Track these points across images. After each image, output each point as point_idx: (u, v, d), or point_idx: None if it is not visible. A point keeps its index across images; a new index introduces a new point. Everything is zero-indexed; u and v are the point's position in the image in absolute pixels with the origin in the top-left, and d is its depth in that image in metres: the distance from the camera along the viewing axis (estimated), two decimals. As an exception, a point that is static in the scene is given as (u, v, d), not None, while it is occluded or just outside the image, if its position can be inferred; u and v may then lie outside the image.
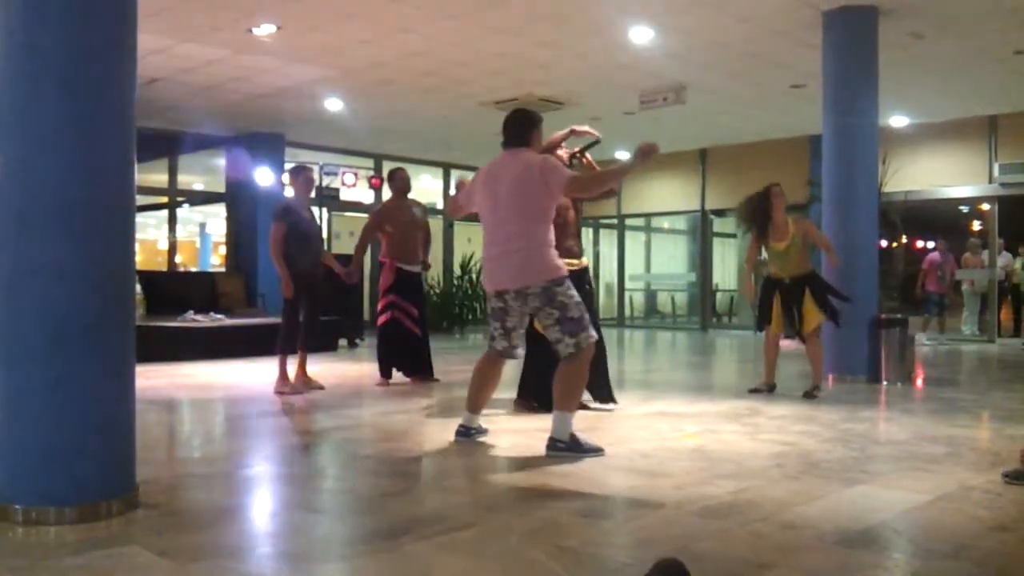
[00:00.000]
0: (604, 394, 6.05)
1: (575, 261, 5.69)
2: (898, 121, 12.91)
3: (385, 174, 8.00)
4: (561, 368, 4.47)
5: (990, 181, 13.01)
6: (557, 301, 4.40)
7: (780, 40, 9.04)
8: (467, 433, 4.80)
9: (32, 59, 3.17)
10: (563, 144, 5.85)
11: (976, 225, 17.97)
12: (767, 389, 6.91)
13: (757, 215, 6.79)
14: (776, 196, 6.74)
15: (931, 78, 10.67)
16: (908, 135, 13.10)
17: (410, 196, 7.76)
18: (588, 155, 5.95)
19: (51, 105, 3.18)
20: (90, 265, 3.22)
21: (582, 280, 5.72)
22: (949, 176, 13.37)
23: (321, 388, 7.09)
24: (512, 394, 6.06)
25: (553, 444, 4.41)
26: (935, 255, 13.31)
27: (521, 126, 4.68)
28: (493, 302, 4.63)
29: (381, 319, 7.53)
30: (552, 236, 4.54)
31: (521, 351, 4.85)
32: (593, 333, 4.54)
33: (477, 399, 4.82)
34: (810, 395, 6.59)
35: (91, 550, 2.87)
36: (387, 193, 8.03)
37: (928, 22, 8.42)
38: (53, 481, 3.15)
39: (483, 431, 4.88)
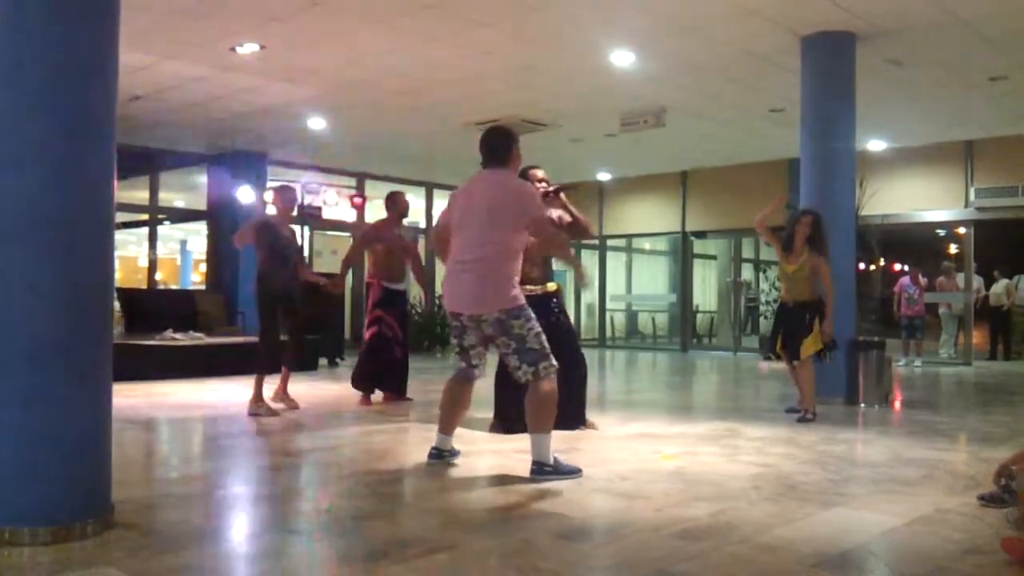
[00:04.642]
0: (571, 419, 5.87)
1: (534, 288, 5.60)
2: (876, 145, 13.07)
3: (384, 196, 7.96)
4: (529, 396, 4.43)
5: (966, 205, 13.17)
6: (514, 333, 4.36)
7: (759, 65, 9.15)
8: (440, 456, 4.76)
9: (12, 74, 3.16)
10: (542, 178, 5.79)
11: (953, 248, 18.19)
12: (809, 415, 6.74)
13: (785, 232, 7.04)
14: (800, 224, 6.92)
15: (908, 103, 10.83)
16: (885, 159, 13.27)
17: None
18: (563, 195, 5.89)
19: (30, 120, 3.16)
20: (66, 281, 3.19)
21: (546, 306, 5.63)
22: (926, 200, 13.52)
23: (296, 407, 7.05)
24: (489, 414, 6.06)
25: (540, 468, 4.38)
26: (904, 279, 13.47)
27: (498, 145, 4.60)
28: (451, 319, 4.61)
29: (368, 333, 7.54)
30: (517, 265, 4.48)
31: (479, 372, 4.72)
32: (554, 362, 4.45)
33: (448, 420, 4.78)
34: (804, 419, 6.62)
35: (65, 571, 2.83)
36: (380, 213, 7.98)
37: (905, 48, 8.55)
38: (27, 501, 3.12)
39: (456, 453, 4.85)
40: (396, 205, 7.70)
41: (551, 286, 5.93)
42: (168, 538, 3.30)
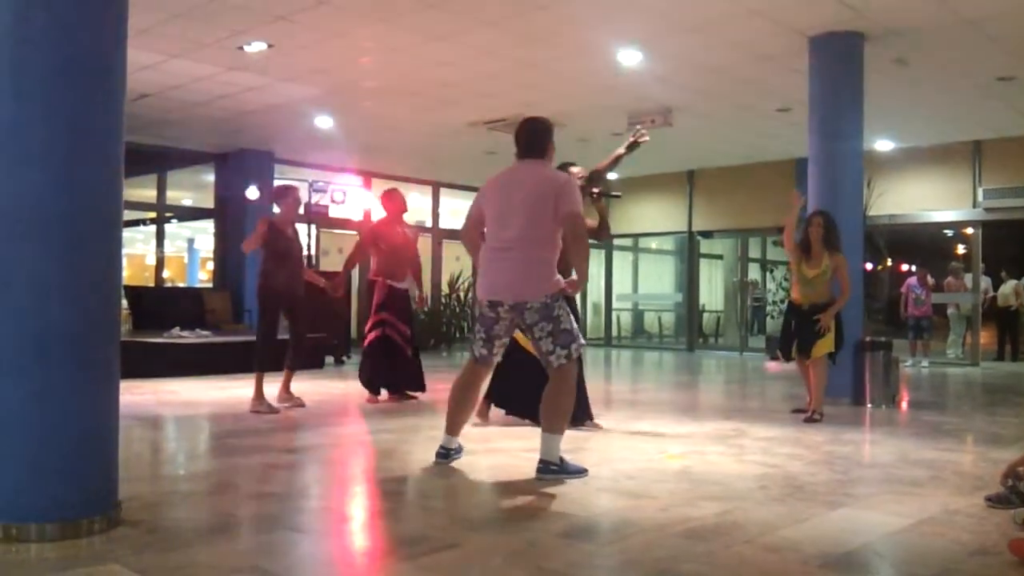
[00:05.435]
0: (580, 416, 5.90)
1: None
2: (883, 145, 13.03)
3: (381, 193, 7.97)
4: (550, 389, 4.43)
5: (974, 206, 13.12)
6: (553, 316, 4.39)
7: (767, 65, 9.12)
8: (447, 455, 4.74)
9: (19, 72, 3.17)
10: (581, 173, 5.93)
11: (960, 249, 18.13)
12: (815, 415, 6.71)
13: (799, 237, 7.01)
14: (813, 226, 6.93)
15: (916, 103, 10.79)
16: (893, 159, 13.23)
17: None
18: (603, 202, 6.09)
19: (38, 118, 3.17)
20: (74, 277, 3.20)
21: (571, 299, 5.78)
22: (933, 200, 13.48)
23: (302, 405, 7.05)
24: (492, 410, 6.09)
25: (546, 467, 4.37)
26: (911, 279, 13.43)
27: (536, 136, 4.58)
28: (485, 310, 4.55)
29: (369, 337, 7.51)
30: (557, 252, 4.48)
31: (497, 359, 4.78)
32: (583, 340, 4.54)
33: (455, 421, 4.75)
34: (811, 419, 6.61)
35: (72, 568, 2.84)
36: (379, 212, 8.00)
37: (913, 48, 8.52)
38: (34, 498, 3.13)
39: (460, 451, 4.83)
40: (393, 202, 7.70)
41: None
42: (174, 535, 3.31)
